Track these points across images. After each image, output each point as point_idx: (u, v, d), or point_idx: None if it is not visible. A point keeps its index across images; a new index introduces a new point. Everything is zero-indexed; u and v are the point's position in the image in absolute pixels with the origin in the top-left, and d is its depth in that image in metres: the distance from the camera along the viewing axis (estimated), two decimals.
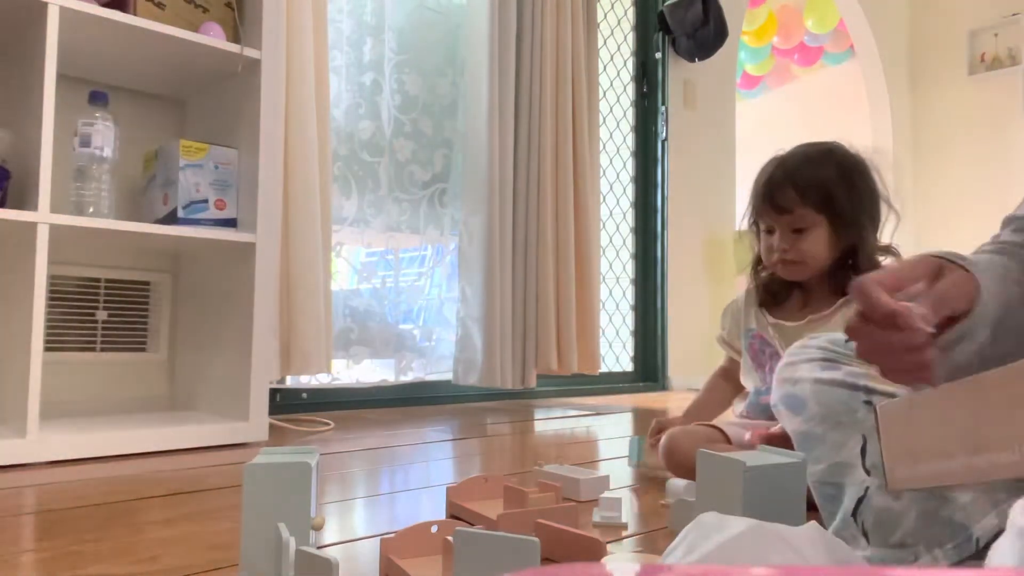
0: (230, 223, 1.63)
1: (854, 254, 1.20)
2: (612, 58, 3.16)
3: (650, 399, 2.83)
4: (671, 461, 1.16)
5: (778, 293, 1.29)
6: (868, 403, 0.75)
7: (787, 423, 0.83)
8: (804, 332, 1.23)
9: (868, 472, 0.73)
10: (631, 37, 3.26)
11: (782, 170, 1.19)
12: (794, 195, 1.17)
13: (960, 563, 0.64)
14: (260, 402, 1.59)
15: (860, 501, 0.72)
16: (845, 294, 1.20)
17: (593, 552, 0.75)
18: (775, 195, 1.18)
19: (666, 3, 3.18)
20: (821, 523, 0.70)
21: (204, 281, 1.77)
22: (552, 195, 2.54)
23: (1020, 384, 0.46)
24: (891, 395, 0.72)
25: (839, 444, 0.76)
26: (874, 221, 1.20)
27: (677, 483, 1.05)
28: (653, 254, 3.21)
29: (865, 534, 0.71)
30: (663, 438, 1.19)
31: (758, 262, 1.30)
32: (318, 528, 0.79)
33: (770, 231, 1.22)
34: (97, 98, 1.50)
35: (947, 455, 0.50)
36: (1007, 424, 0.46)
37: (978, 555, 0.64)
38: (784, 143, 1.27)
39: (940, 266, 0.58)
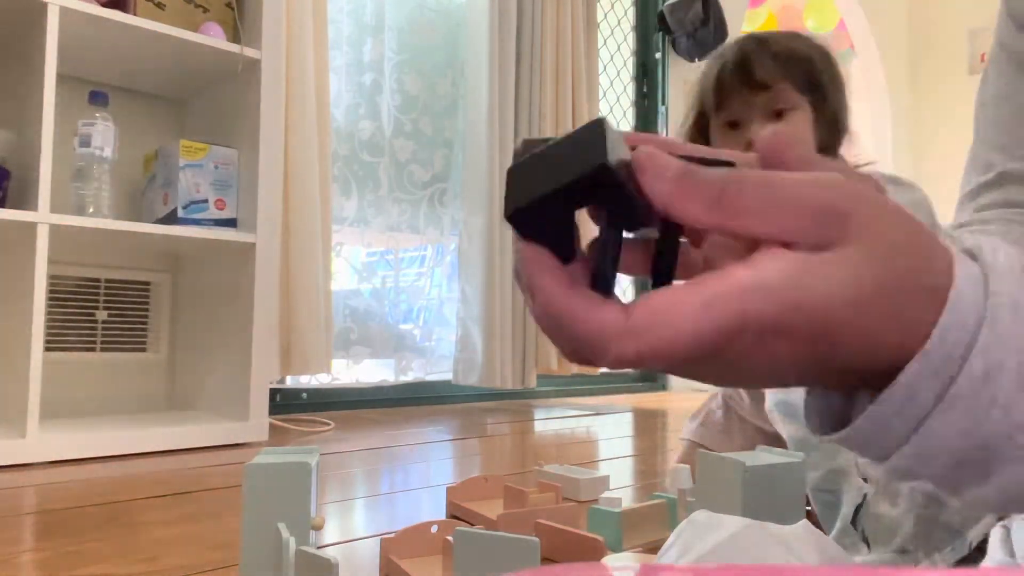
0: (230, 223, 1.63)
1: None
2: (612, 58, 3.16)
3: (650, 399, 2.83)
4: None
5: None
6: None
7: (782, 429, 0.83)
8: None
9: (864, 479, 0.73)
10: (631, 37, 3.26)
11: (754, 43, 0.97)
12: (774, 67, 0.95)
13: (957, 564, 0.65)
14: (260, 402, 1.59)
15: (859, 508, 0.72)
16: None
17: (593, 552, 0.75)
18: (752, 68, 0.95)
19: (666, 3, 3.18)
20: (818, 525, 0.70)
21: (204, 281, 1.77)
22: None
23: None
24: None
25: (834, 450, 0.76)
26: (847, 125, 1.02)
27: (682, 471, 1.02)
28: None
29: (866, 541, 0.71)
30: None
31: None
32: (318, 528, 0.79)
33: (734, 124, 0.98)
34: (97, 98, 1.50)
35: None
36: None
37: (972, 556, 0.64)
38: None
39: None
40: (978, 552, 0.64)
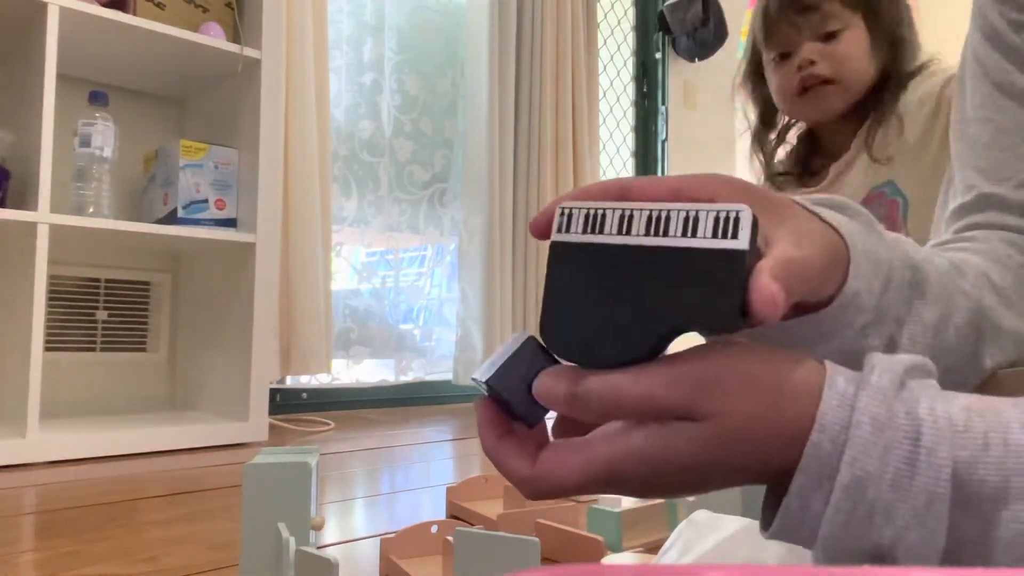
0: (230, 223, 1.63)
1: (885, 76, 0.94)
2: (612, 58, 3.16)
3: None
4: None
5: (806, 165, 1.02)
6: None
7: None
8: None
9: None
10: (631, 37, 3.26)
11: None
12: None
13: None
14: (260, 402, 1.59)
15: None
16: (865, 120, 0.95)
17: (593, 552, 0.75)
18: None
19: (666, 3, 3.18)
20: None
21: (204, 281, 1.77)
22: (552, 195, 2.54)
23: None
24: None
25: None
26: (910, 39, 0.96)
27: None
28: None
29: None
30: None
31: (764, 123, 1.04)
32: (318, 528, 0.79)
33: (784, 56, 0.96)
34: (97, 98, 1.50)
35: None
36: None
37: None
38: None
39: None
40: None
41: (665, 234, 0.29)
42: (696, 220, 0.28)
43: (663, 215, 0.29)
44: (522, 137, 2.47)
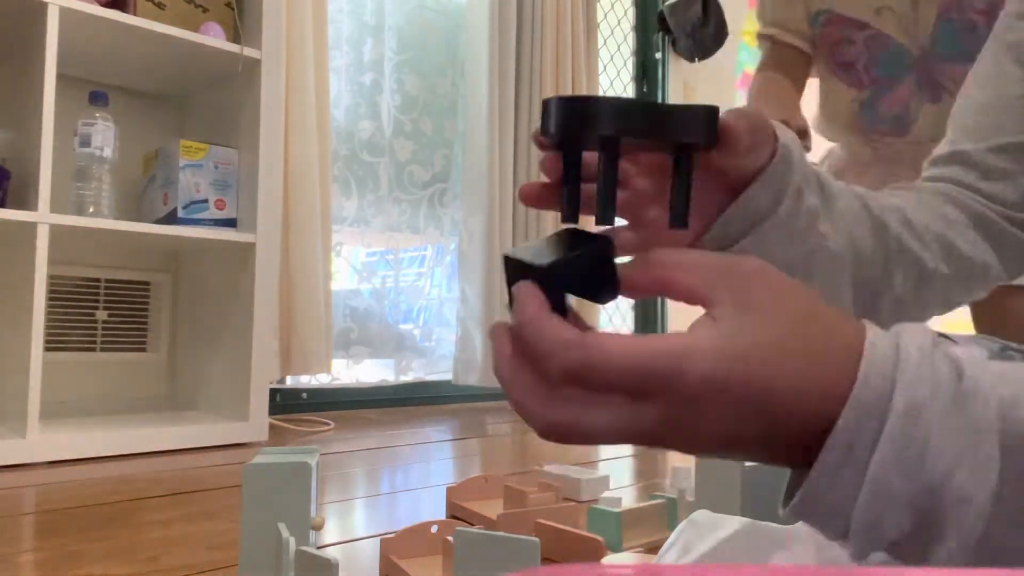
0: (230, 223, 1.63)
1: None
2: (612, 58, 3.16)
3: None
4: None
5: None
6: None
7: None
8: None
9: None
10: (631, 37, 3.26)
11: None
12: None
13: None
14: (260, 402, 1.59)
15: None
16: None
17: (593, 552, 0.75)
18: None
19: (666, 3, 3.18)
20: None
21: (204, 281, 1.77)
22: None
23: None
24: None
25: None
26: None
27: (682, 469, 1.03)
28: None
29: None
30: None
31: None
32: (318, 528, 0.79)
33: None
34: (97, 98, 1.50)
35: None
36: None
37: None
38: None
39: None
40: None
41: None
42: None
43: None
44: (522, 137, 2.47)
